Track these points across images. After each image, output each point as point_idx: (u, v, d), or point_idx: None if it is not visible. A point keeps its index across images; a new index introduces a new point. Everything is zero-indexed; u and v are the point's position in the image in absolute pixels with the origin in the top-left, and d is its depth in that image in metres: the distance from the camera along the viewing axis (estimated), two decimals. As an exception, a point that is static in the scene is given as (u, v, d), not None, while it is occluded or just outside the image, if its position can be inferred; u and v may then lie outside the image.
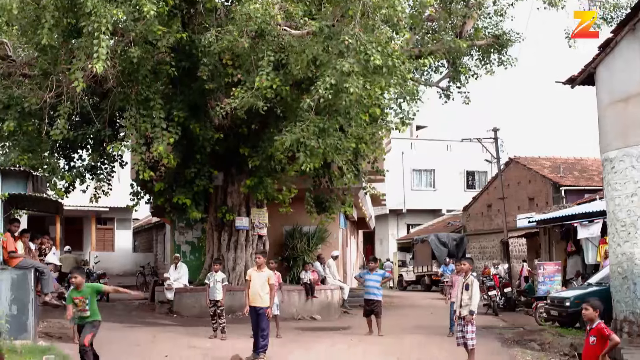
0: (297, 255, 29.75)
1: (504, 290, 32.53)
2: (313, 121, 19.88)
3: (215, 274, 19.84)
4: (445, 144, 64.82)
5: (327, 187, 26.82)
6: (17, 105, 21.40)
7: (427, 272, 48.40)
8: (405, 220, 65.85)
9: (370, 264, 22.72)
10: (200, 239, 30.21)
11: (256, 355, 16.22)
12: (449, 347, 18.45)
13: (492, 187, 48.04)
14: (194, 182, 25.09)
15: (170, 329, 22.00)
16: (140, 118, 21.15)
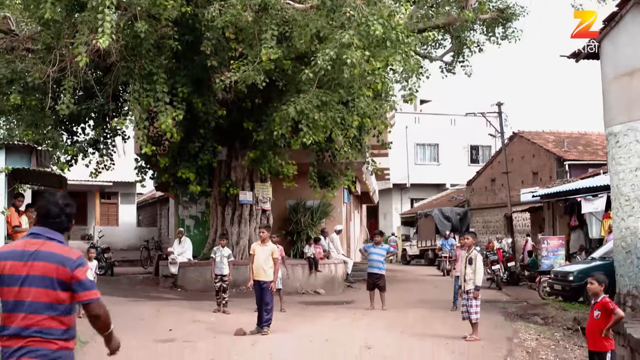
0: (301, 230, 29.77)
1: (507, 264, 32.55)
2: (315, 94, 19.85)
3: (222, 249, 19.85)
4: (449, 118, 64.68)
5: (330, 161, 26.79)
6: (20, 79, 21.34)
7: (431, 247, 48.40)
8: (409, 195, 65.81)
9: (376, 237, 22.70)
10: (204, 214, 30.23)
11: (260, 329, 16.26)
12: (452, 322, 18.48)
13: (496, 161, 47.99)
14: (198, 156, 25.08)
15: (174, 303, 22.04)
16: (143, 92, 21.09)
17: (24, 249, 5.66)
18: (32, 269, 5.53)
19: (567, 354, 15.24)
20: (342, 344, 15.21)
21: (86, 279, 5.59)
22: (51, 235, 5.73)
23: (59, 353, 5.51)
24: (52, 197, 5.92)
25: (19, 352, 5.46)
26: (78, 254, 5.68)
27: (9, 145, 16.92)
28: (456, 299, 21.09)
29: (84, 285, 5.56)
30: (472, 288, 15.91)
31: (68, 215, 5.88)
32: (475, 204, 51.46)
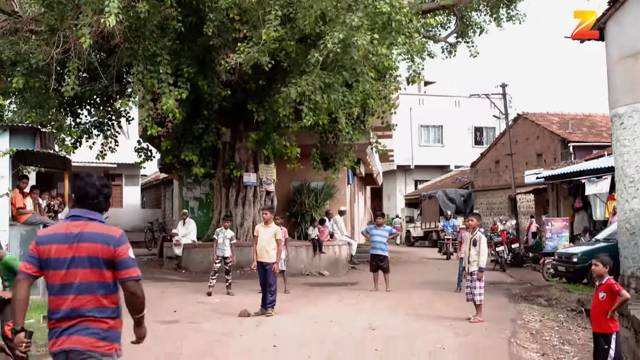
0: (305, 211, 29.76)
1: (511, 246, 32.56)
2: (319, 76, 19.82)
3: (225, 231, 19.83)
4: (454, 100, 64.59)
5: (333, 143, 26.76)
6: (24, 61, 21.32)
7: (435, 228, 48.36)
8: (413, 176, 65.79)
9: (378, 219, 22.67)
10: (209, 195, 30.24)
11: (264, 310, 16.31)
12: (456, 303, 18.49)
13: (500, 143, 47.92)
14: (202, 138, 25.08)
15: (179, 285, 22.09)
16: (147, 74, 21.07)
17: (67, 231, 5.73)
18: (78, 251, 5.62)
19: (571, 335, 15.27)
20: (346, 325, 15.24)
21: (128, 257, 5.71)
22: (92, 215, 5.83)
23: (109, 332, 5.67)
24: (90, 178, 6.00)
25: (70, 330, 5.58)
26: (120, 232, 5.80)
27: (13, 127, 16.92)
28: (460, 281, 21.11)
29: (125, 262, 5.68)
30: (476, 270, 15.93)
31: (105, 195, 5.97)
32: (479, 185, 51.43)
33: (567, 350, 13.65)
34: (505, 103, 42.64)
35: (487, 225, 39.71)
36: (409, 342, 13.45)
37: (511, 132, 42.58)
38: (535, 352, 13.04)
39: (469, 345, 13.32)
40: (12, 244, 16.30)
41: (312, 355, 12.05)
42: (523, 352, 12.88)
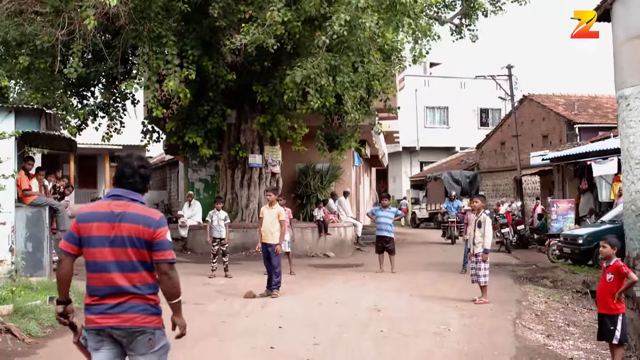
0: (310, 193, 29.76)
1: (517, 227, 32.56)
2: (325, 58, 19.77)
3: (218, 212, 19.80)
4: (459, 81, 64.49)
5: (338, 124, 26.74)
6: (29, 42, 21.29)
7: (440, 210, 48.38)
8: (418, 158, 65.79)
9: (384, 201, 22.66)
10: (214, 177, 30.22)
11: (269, 292, 16.35)
12: (462, 284, 18.52)
13: (505, 124, 47.86)
14: (207, 119, 25.09)
15: (184, 266, 22.11)
16: (152, 55, 21.04)
17: (109, 210, 5.81)
18: (120, 230, 5.70)
19: (576, 317, 15.29)
20: (352, 307, 15.27)
21: (165, 239, 5.80)
22: (133, 196, 5.90)
23: (157, 308, 5.84)
24: (128, 158, 6.06)
25: (118, 308, 5.68)
26: (160, 215, 5.90)
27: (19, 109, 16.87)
28: (466, 262, 21.10)
29: (162, 244, 5.76)
30: (481, 251, 15.95)
31: (142, 176, 6.01)
32: (485, 167, 51.38)
33: (572, 332, 13.68)
34: (510, 84, 42.56)
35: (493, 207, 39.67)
36: (414, 323, 13.48)
37: (517, 113, 42.51)
38: (541, 334, 13.07)
39: (474, 326, 13.35)
40: (18, 226, 16.31)
41: (317, 336, 12.08)
42: (528, 333, 12.91)
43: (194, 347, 11.11)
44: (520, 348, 11.50)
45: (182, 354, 10.66)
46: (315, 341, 11.68)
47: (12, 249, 15.69)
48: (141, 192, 6.03)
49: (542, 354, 11.24)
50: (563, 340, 12.69)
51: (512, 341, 12.04)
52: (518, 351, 11.26)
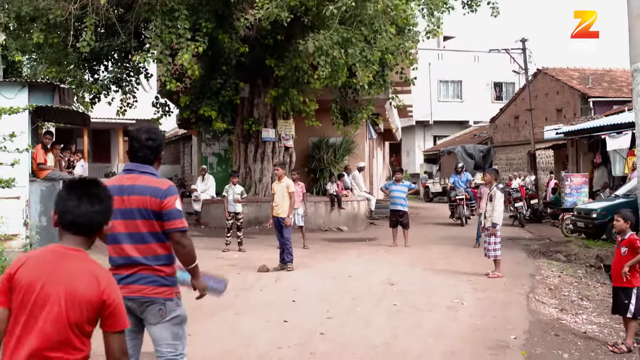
0: (324, 167, 29.72)
1: (530, 201, 32.49)
2: (337, 30, 19.71)
3: (234, 187, 19.79)
4: (473, 55, 64.16)
5: (352, 98, 26.68)
6: (42, 17, 21.28)
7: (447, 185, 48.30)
8: (431, 132, 65.66)
9: (397, 174, 22.64)
10: (227, 151, 30.23)
11: (283, 266, 16.40)
12: (475, 259, 18.52)
13: (519, 98, 47.68)
14: (220, 93, 25.05)
15: (198, 240, 22.15)
16: (165, 29, 21.00)
17: (121, 184, 5.91)
18: (129, 203, 5.80)
19: (590, 291, 15.27)
20: (365, 280, 15.30)
21: (174, 208, 5.80)
22: (143, 169, 5.98)
23: (167, 279, 5.87)
24: (137, 132, 6.17)
25: (129, 279, 5.79)
26: (168, 184, 5.92)
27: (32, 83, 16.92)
28: (479, 236, 21.12)
29: (170, 214, 5.77)
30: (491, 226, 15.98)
31: (151, 148, 6.05)
32: (499, 141, 51.25)
33: (585, 306, 13.66)
34: (525, 58, 42.36)
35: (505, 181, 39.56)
36: (427, 297, 13.50)
37: (531, 87, 42.36)
38: (554, 308, 13.07)
39: (487, 300, 13.36)
40: (32, 200, 16.39)
41: (331, 309, 12.11)
42: (541, 307, 12.91)
43: (208, 321, 11.16)
44: (533, 322, 11.50)
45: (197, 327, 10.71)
46: (329, 315, 11.72)
47: (27, 223, 15.78)
48: (153, 163, 6.07)
49: (556, 327, 11.24)
50: (576, 315, 12.69)
51: (526, 315, 12.05)
52: (531, 325, 11.26)
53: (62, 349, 3.89)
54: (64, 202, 4.06)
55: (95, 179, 4.36)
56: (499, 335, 10.52)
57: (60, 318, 3.86)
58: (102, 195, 4.16)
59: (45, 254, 4.00)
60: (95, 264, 4.06)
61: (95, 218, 4.09)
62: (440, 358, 9.34)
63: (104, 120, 40.34)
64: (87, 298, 3.90)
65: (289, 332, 10.58)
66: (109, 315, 3.97)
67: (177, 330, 5.97)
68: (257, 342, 9.97)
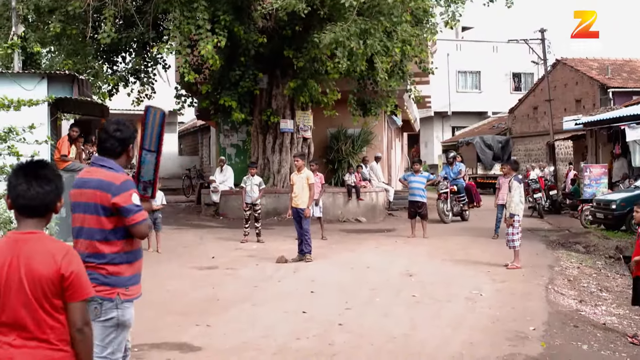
0: (342, 158, 29.68)
1: (549, 192, 32.35)
2: (355, 21, 19.68)
3: (252, 178, 19.77)
4: (491, 45, 63.89)
5: (371, 89, 26.64)
6: (61, 8, 21.36)
7: (472, 175, 48.16)
8: (450, 123, 65.52)
9: (415, 165, 22.63)
10: (246, 142, 30.23)
11: (301, 257, 16.41)
12: (494, 250, 18.50)
13: (538, 89, 47.49)
14: (239, 84, 25.06)
15: (217, 231, 22.25)
16: (184, 20, 21.00)
17: (82, 177, 5.86)
18: (83, 196, 5.71)
19: (609, 282, 15.22)
20: (383, 271, 15.30)
21: (131, 204, 5.63)
22: (102, 162, 5.85)
23: (110, 278, 5.66)
24: (107, 124, 6.03)
25: None
26: (122, 179, 5.72)
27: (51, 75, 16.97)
28: (498, 227, 21.11)
29: (127, 210, 5.61)
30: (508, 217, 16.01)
31: (119, 139, 5.90)
32: (517, 132, 51.08)
33: (604, 297, 13.62)
34: (543, 48, 42.24)
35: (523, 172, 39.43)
36: (446, 288, 13.49)
37: (550, 77, 42.21)
38: (573, 299, 13.03)
39: (506, 291, 13.34)
40: (52, 191, 16.45)
41: (349, 301, 12.12)
42: (560, 299, 12.88)
43: (227, 312, 11.20)
44: (552, 313, 11.48)
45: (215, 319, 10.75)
46: (347, 305, 11.73)
47: (46, 214, 15.82)
48: (120, 155, 5.93)
49: (575, 319, 11.22)
50: (596, 306, 12.65)
51: (544, 306, 12.03)
52: (550, 316, 11.24)
53: (40, 330, 4.01)
54: (15, 187, 4.16)
55: (42, 160, 4.40)
56: (518, 326, 10.51)
57: (29, 301, 3.98)
58: (50, 175, 4.24)
59: (5, 242, 4.11)
60: (52, 241, 4.16)
61: (46, 199, 4.20)
62: (459, 349, 9.33)
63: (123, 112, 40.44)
64: (47, 275, 4.00)
65: (308, 323, 10.60)
66: (68, 286, 4.04)
67: (110, 333, 5.70)
68: (276, 333, 9.99)
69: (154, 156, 6.24)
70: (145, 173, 6.22)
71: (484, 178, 45.63)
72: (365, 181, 27.69)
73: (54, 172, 4.25)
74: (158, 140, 6.27)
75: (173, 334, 9.84)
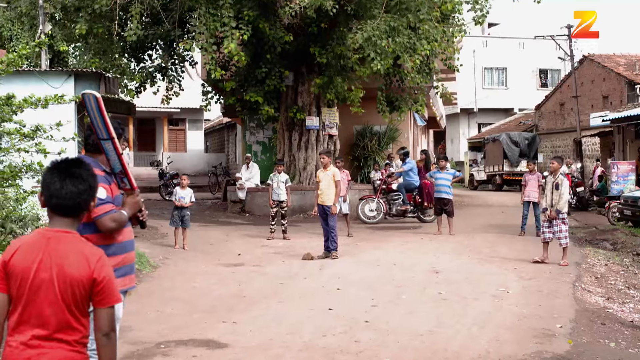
0: (368, 155, 29.70)
1: (576, 189, 32.20)
2: (384, 19, 19.66)
3: (279, 175, 19.80)
4: (518, 42, 63.66)
5: (398, 86, 26.59)
6: (87, 7, 21.47)
7: (499, 172, 47.98)
8: (476, 120, 65.31)
9: (441, 162, 22.59)
10: (272, 139, 30.28)
11: (327, 254, 16.41)
12: (520, 247, 18.44)
13: (565, 85, 47.25)
14: (265, 81, 25.09)
15: (243, 228, 22.30)
16: (210, 17, 21.04)
17: None
18: None
19: (637, 280, 15.14)
20: (410, 268, 15.28)
21: None
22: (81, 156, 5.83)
23: None
24: None
25: None
26: None
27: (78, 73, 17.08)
28: (524, 224, 21.04)
29: None
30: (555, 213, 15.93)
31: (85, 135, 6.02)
32: (544, 128, 50.85)
33: (632, 295, 13.55)
34: (570, 44, 41.99)
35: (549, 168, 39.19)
36: (472, 285, 13.46)
37: (576, 74, 41.97)
38: (600, 296, 12.97)
39: (532, 288, 13.29)
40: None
41: (375, 297, 12.12)
42: (588, 296, 12.82)
43: (253, 309, 11.22)
44: (579, 311, 11.43)
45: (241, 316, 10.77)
46: (373, 303, 11.73)
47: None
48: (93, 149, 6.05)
49: (602, 316, 11.16)
50: (623, 303, 12.59)
51: (572, 304, 11.98)
52: (577, 314, 11.19)
53: (61, 331, 3.99)
54: (48, 186, 4.14)
55: (77, 158, 4.40)
56: (545, 324, 10.47)
57: (56, 301, 3.97)
58: (85, 174, 4.21)
59: (36, 239, 4.08)
60: (86, 244, 4.15)
61: (79, 199, 4.16)
62: (486, 346, 9.31)
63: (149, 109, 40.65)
64: (78, 278, 3.99)
65: (334, 320, 10.60)
66: (98, 292, 4.04)
67: None
68: (302, 329, 10.01)
69: (109, 144, 5.97)
70: (114, 164, 6.05)
71: (510, 175, 45.38)
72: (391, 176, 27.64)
73: (88, 171, 4.22)
74: (105, 125, 5.90)
75: (200, 331, 9.88)
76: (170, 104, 28.86)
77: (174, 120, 53.19)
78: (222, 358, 8.77)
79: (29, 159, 11.10)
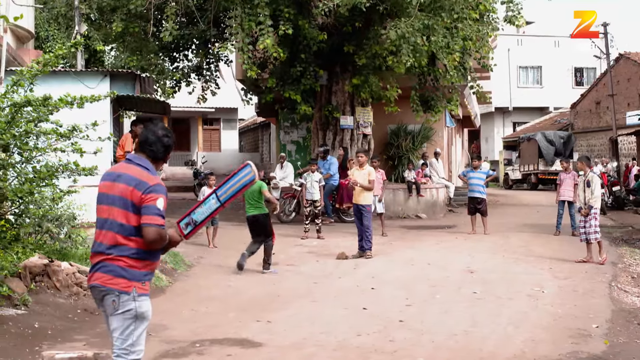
0: (402, 154, 29.64)
1: (612, 189, 32.00)
2: (418, 17, 19.62)
3: (312, 174, 19.84)
4: (553, 40, 63.22)
5: (432, 85, 26.52)
6: (123, 7, 21.63)
7: (534, 171, 47.75)
8: (511, 118, 64.97)
9: (474, 161, 22.54)
10: (306, 139, 30.30)
11: (362, 253, 16.41)
12: (555, 246, 18.37)
13: (601, 83, 46.95)
14: (300, 81, 25.10)
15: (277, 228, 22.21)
16: (245, 17, 21.08)
17: (114, 171, 6.02)
18: (114, 190, 5.84)
19: (674, 280, 15.01)
20: (444, 268, 15.26)
21: (154, 205, 5.73)
22: (140, 161, 5.96)
23: (127, 271, 5.76)
24: (154, 126, 6.13)
25: (95, 267, 5.85)
26: (156, 182, 5.85)
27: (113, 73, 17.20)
28: (559, 223, 20.95)
29: (149, 209, 5.71)
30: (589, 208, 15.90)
31: (165, 145, 6.03)
32: (580, 127, 50.56)
33: (669, 295, 13.44)
34: (606, 43, 41.64)
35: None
36: (507, 284, 13.42)
37: (612, 72, 41.66)
38: (637, 296, 12.88)
39: (568, 288, 13.23)
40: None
41: (410, 297, 12.11)
42: (624, 296, 12.74)
43: (287, 308, 11.25)
44: (615, 311, 11.37)
45: (275, 315, 10.81)
46: (408, 302, 11.73)
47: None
48: (161, 161, 6.09)
49: (639, 317, 11.09)
50: (660, 303, 12.49)
51: (608, 304, 11.91)
52: (613, 314, 11.13)
53: None
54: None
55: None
56: (581, 324, 10.42)
57: None
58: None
59: None
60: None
61: None
62: (521, 346, 9.28)
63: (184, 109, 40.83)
64: None
65: (368, 319, 10.61)
66: None
67: (129, 325, 5.82)
68: (337, 329, 10.02)
69: (217, 205, 6.42)
70: (199, 215, 6.33)
71: (545, 174, 45.17)
72: (426, 177, 27.60)
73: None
74: (232, 196, 6.52)
75: (234, 330, 9.93)
76: (205, 104, 28.99)
77: (209, 119, 53.39)
78: (256, 357, 8.81)
79: (65, 158, 11.19)
